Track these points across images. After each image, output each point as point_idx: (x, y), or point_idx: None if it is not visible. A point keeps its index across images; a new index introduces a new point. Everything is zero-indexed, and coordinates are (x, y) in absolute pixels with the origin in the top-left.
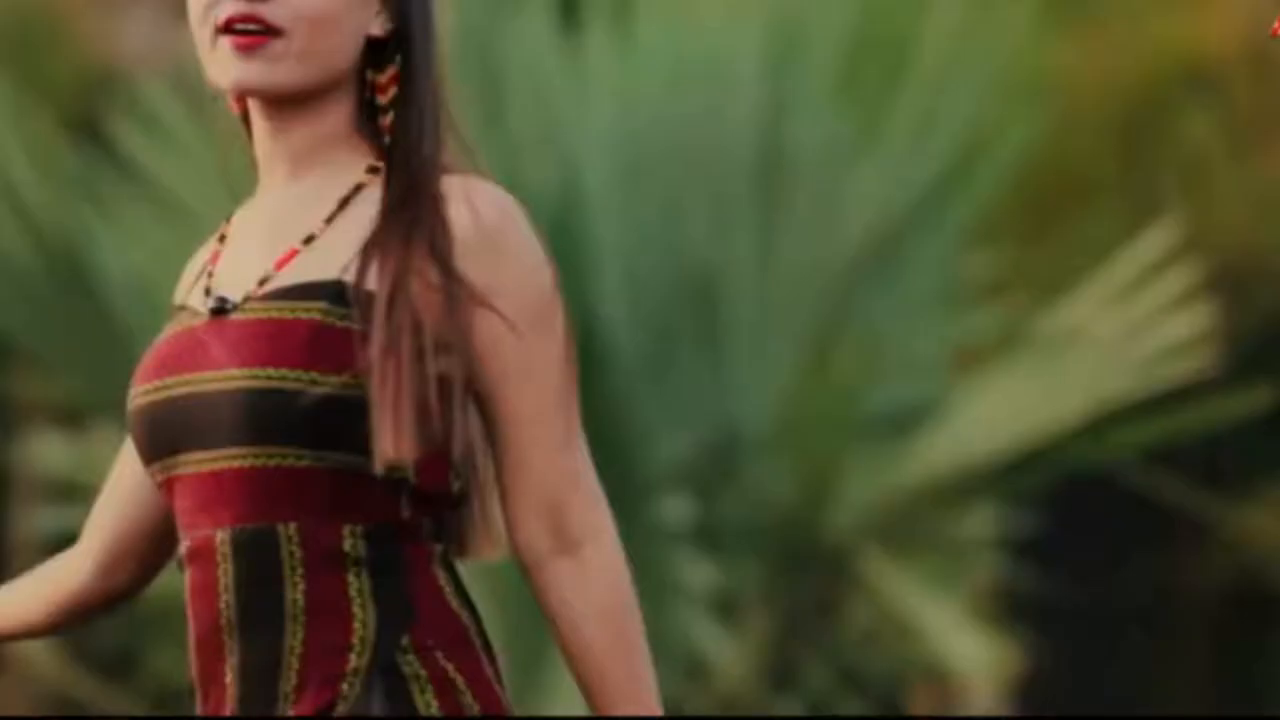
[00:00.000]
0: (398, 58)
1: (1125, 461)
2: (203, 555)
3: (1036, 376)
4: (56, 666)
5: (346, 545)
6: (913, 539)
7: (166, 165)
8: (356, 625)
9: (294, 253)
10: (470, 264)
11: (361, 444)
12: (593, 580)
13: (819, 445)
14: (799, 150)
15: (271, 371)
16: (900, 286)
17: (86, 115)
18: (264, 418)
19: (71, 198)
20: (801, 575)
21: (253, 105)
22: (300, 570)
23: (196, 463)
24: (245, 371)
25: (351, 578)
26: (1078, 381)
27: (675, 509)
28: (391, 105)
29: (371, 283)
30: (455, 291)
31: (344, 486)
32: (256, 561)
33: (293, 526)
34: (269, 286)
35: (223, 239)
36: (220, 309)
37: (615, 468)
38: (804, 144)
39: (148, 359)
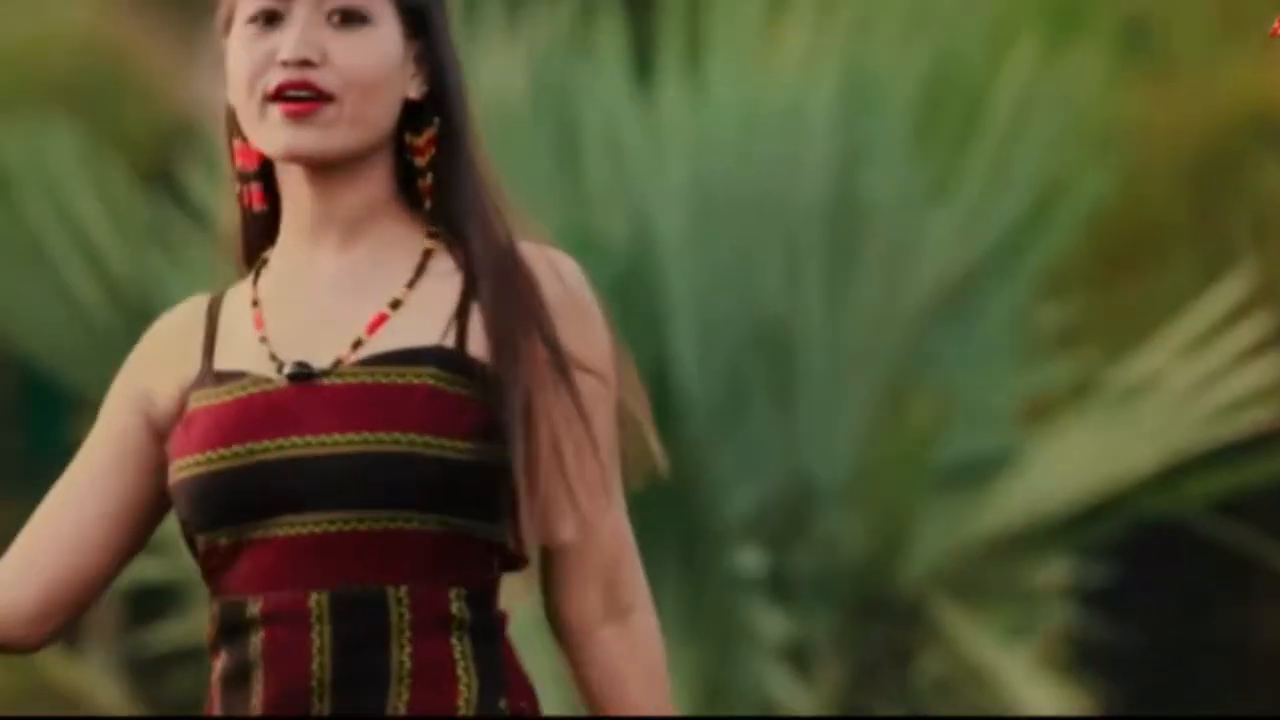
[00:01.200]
0: (435, 120)
1: (1197, 511)
2: (289, 617)
3: (1108, 426)
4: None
5: (454, 608)
6: (985, 588)
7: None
8: (461, 688)
9: (383, 317)
10: (564, 330)
11: (473, 508)
12: (641, 644)
13: (892, 495)
14: (872, 199)
15: (384, 436)
16: (973, 336)
17: (159, 164)
18: (381, 482)
19: (145, 247)
20: (874, 625)
21: (289, 172)
22: (408, 633)
23: (290, 525)
24: (360, 436)
25: (455, 641)
26: (1150, 431)
27: (748, 559)
28: (430, 168)
29: (477, 349)
30: (563, 362)
31: (452, 550)
32: (362, 623)
33: (403, 589)
34: (365, 352)
35: (255, 304)
36: (304, 375)
37: (689, 518)
38: (877, 193)
39: (204, 425)
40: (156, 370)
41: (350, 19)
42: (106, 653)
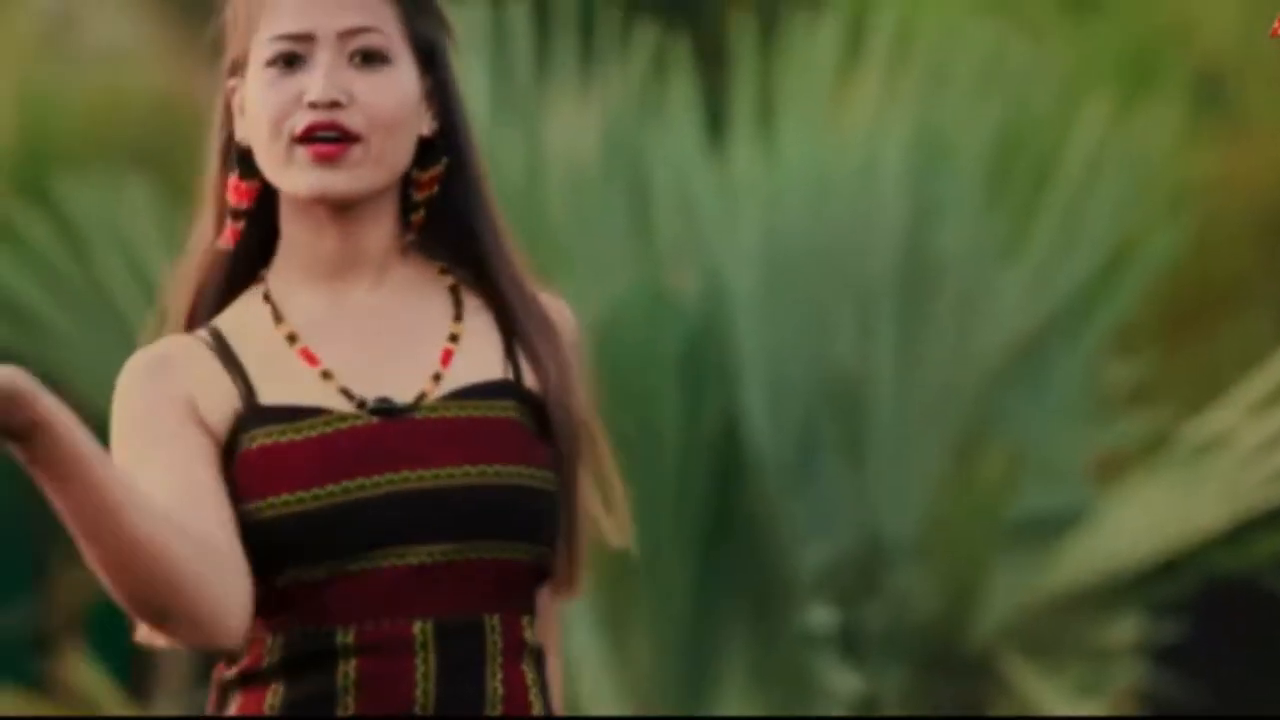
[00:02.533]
0: (444, 157)
1: (1268, 568)
2: (392, 645)
3: (1179, 483)
4: None
5: (527, 635)
6: (1055, 645)
7: None
8: (535, 713)
9: (450, 352)
10: (578, 365)
11: (550, 538)
12: (555, 683)
13: (962, 551)
14: (943, 257)
15: (486, 468)
16: (1044, 393)
17: None
18: (490, 513)
19: None
20: (944, 681)
21: (307, 212)
22: (499, 660)
23: (396, 556)
24: (461, 469)
25: (527, 667)
26: (1221, 488)
27: (818, 615)
28: (428, 203)
29: (532, 383)
30: (587, 395)
31: (530, 578)
32: (461, 651)
33: (496, 618)
34: (446, 386)
35: (292, 339)
36: (392, 410)
37: (759, 574)
38: (948, 250)
39: (286, 463)
40: (202, 399)
41: (371, 59)
42: (177, 706)
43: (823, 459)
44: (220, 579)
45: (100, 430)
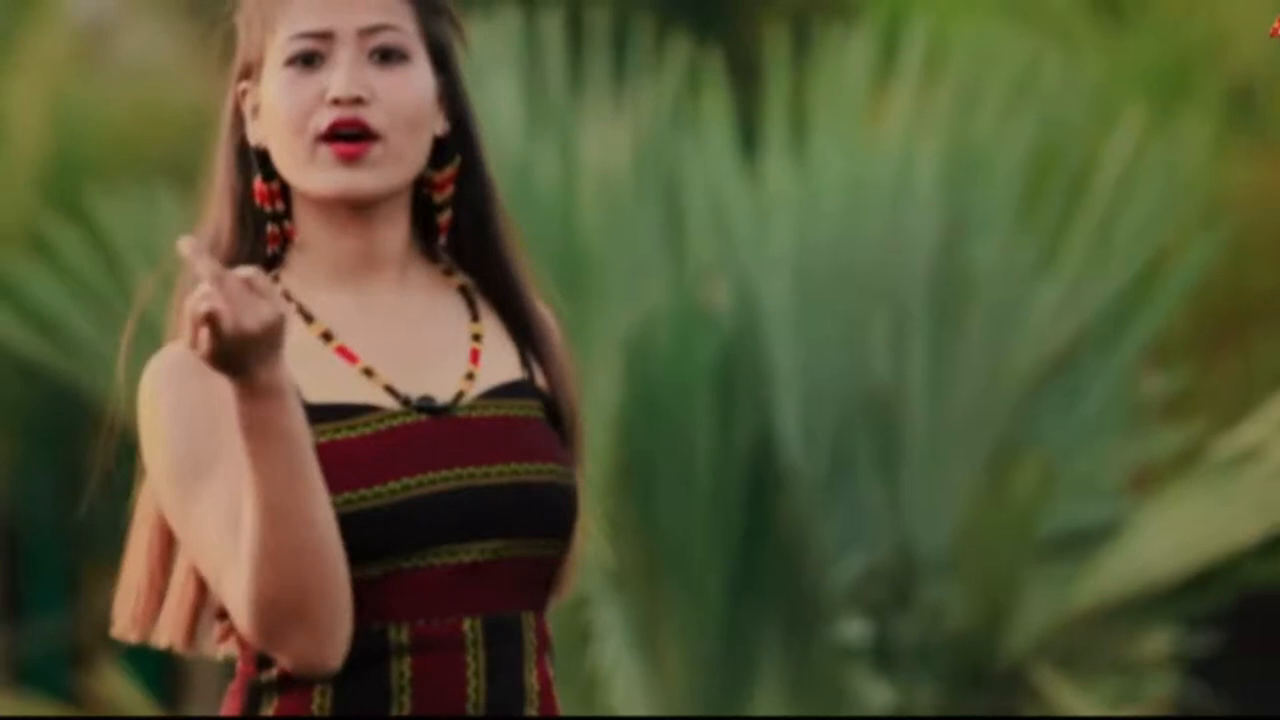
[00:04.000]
0: (456, 156)
1: None
2: (445, 642)
3: (1213, 496)
4: None
5: (549, 631)
6: (1089, 658)
7: None
8: (559, 708)
9: (477, 351)
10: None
11: (571, 535)
12: None
13: (996, 564)
14: (977, 270)
15: (529, 466)
16: (1078, 406)
17: None
18: (538, 511)
19: None
20: (978, 694)
21: (328, 212)
22: (534, 656)
23: (449, 554)
24: (509, 467)
25: (548, 663)
26: (1255, 501)
27: (852, 628)
28: (446, 203)
29: (542, 382)
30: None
31: (557, 575)
32: (506, 648)
33: (530, 615)
34: (481, 385)
35: (327, 337)
36: (435, 408)
37: (794, 588)
38: (982, 264)
39: (341, 461)
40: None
41: (390, 57)
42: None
43: (856, 472)
44: (347, 595)
45: (129, 443)
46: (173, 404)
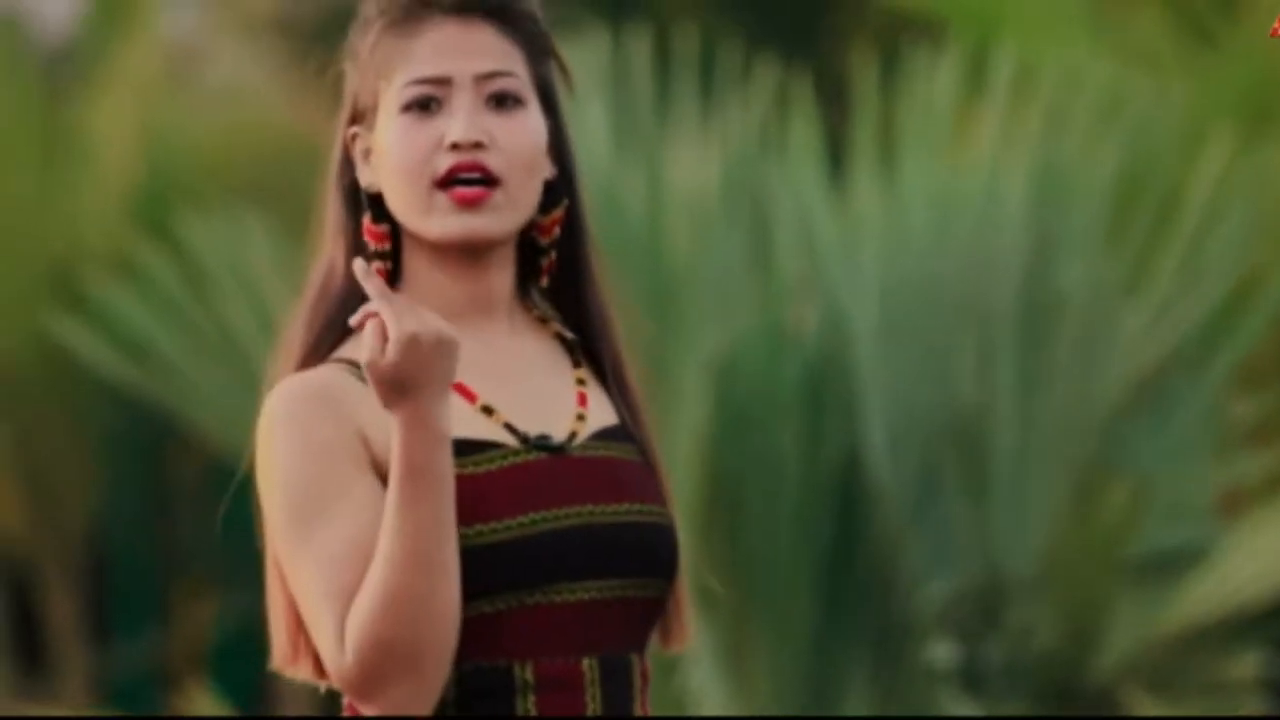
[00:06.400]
0: (564, 199)
1: None
2: (565, 682)
3: None
4: None
5: (650, 671)
6: (1177, 680)
7: None
8: None
9: (584, 395)
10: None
11: (675, 576)
12: None
13: (1084, 587)
14: (1065, 292)
15: (642, 507)
16: (1166, 429)
17: None
18: (652, 551)
19: None
20: (1066, 716)
21: (440, 253)
22: (640, 697)
23: (568, 591)
24: (624, 507)
25: (648, 703)
26: None
27: (940, 650)
28: (551, 246)
29: (633, 429)
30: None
31: (657, 616)
32: (618, 688)
33: (635, 655)
34: (592, 427)
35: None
36: (553, 447)
37: (880, 609)
38: (1070, 286)
39: (478, 497)
40: (371, 429)
41: (505, 102)
42: None
43: (944, 493)
44: (453, 651)
45: (222, 464)
46: (291, 442)
